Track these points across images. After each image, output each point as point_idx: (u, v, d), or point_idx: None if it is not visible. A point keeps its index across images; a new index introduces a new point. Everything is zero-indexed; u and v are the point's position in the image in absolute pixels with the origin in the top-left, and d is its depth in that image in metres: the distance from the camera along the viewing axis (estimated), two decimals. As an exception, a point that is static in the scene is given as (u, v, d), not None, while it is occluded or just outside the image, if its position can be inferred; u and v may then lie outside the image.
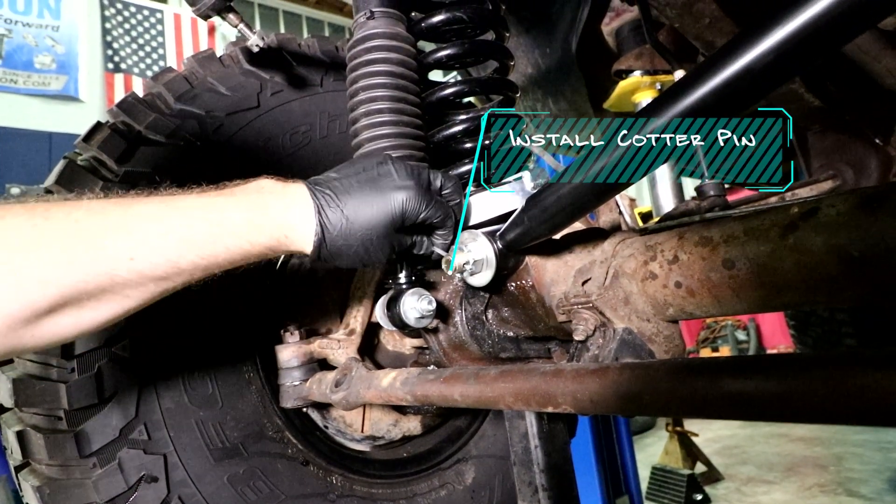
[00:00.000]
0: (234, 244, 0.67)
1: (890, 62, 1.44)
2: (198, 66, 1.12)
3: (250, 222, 0.68)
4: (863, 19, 0.46)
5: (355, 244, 0.72)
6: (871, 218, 0.55)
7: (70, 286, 0.57)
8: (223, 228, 0.66)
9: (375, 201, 0.73)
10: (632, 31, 1.61)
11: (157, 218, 0.63)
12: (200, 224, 0.65)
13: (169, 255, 0.63)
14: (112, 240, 0.60)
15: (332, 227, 0.71)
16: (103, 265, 0.59)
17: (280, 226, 0.70)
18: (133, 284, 0.62)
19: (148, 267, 0.62)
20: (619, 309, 0.75)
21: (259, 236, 0.68)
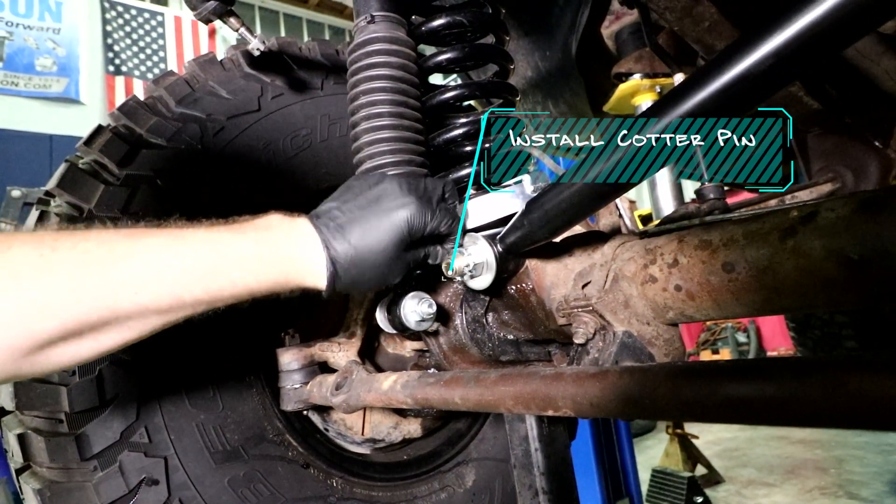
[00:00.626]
0: (240, 279, 0.66)
1: (889, 65, 1.45)
2: (199, 70, 1.13)
3: (259, 258, 0.67)
4: (863, 23, 0.46)
5: (368, 271, 0.72)
6: (871, 221, 0.55)
7: (73, 318, 0.56)
8: (230, 263, 0.65)
9: (380, 224, 0.72)
10: (631, 35, 1.62)
11: (163, 250, 0.63)
12: (207, 257, 0.64)
13: (174, 288, 0.62)
14: (117, 270, 0.59)
15: (341, 259, 0.70)
16: (107, 296, 0.58)
17: (289, 262, 0.69)
18: (136, 316, 0.61)
19: (151, 299, 0.61)
20: (618, 312, 0.75)
21: (267, 273, 0.68)
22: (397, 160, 0.85)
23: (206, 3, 0.94)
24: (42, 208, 0.98)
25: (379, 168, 0.86)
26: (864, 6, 0.44)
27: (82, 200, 0.95)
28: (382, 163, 0.85)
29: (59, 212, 0.95)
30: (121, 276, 0.59)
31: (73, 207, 0.95)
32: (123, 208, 0.96)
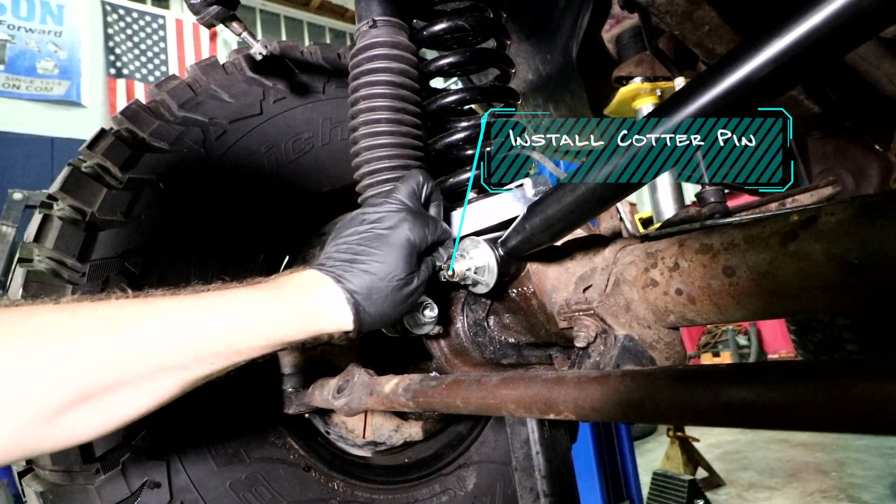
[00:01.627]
0: (255, 334, 0.66)
1: (890, 69, 1.45)
2: (201, 74, 1.13)
3: (271, 310, 0.67)
4: (865, 28, 0.46)
5: (392, 294, 0.72)
6: (870, 226, 0.56)
7: (89, 379, 0.56)
8: (243, 318, 0.65)
9: (385, 245, 0.72)
10: (632, 38, 1.62)
11: (177, 311, 0.63)
12: (222, 317, 0.64)
13: (188, 348, 0.62)
14: (131, 331, 0.59)
15: (360, 289, 0.70)
16: (122, 356, 0.58)
17: (304, 310, 0.69)
18: (152, 376, 0.60)
19: (166, 357, 0.61)
20: (620, 316, 0.75)
21: (283, 324, 0.68)
22: (394, 165, 0.86)
23: (208, 8, 0.95)
24: (45, 212, 0.98)
25: (376, 172, 0.86)
26: (866, 12, 0.44)
27: (85, 204, 0.95)
28: (380, 167, 0.86)
29: (61, 215, 0.96)
30: (135, 336, 0.59)
31: (75, 211, 0.95)
32: (126, 212, 0.97)
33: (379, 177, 0.87)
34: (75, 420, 0.57)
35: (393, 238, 0.73)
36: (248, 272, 1.12)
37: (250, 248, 1.12)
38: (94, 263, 0.94)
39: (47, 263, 0.93)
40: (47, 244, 0.94)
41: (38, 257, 0.94)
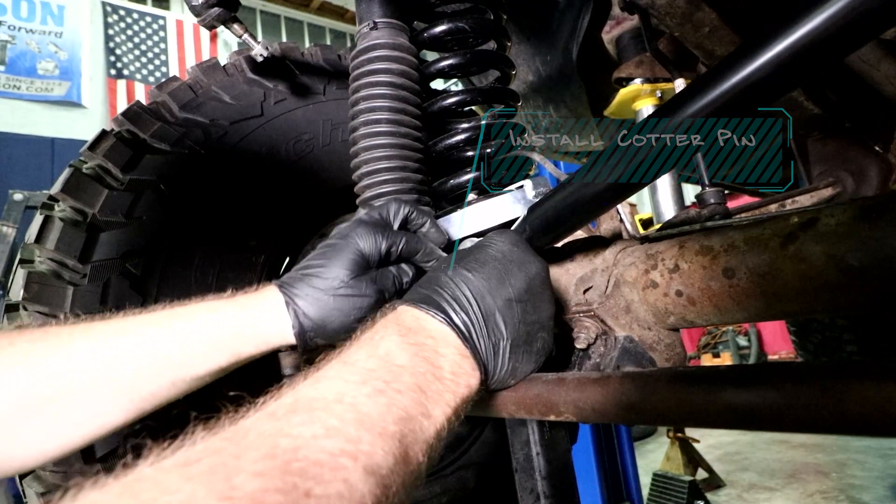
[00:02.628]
0: (223, 357, 0.65)
1: (889, 70, 1.45)
2: (202, 75, 1.13)
3: (236, 336, 0.66)
4: (866, 30, 0.46)
5: (333, 301, 0.68)
6: (870, 228, 0.56)
7: (26, 391, 0.56)
8: (210, 344, 0.65)
9: (331, 255, 0.70)
10: (632, 40, 1.62)
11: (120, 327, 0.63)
12: (172, 337, 0.64)
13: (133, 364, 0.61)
14: (83, 342, 0.60)
15: (300, 294, 0.68)
16: (65, 364, 0.58)
17: (249, 315, 0.67)
18: (88, 390, 0.60)
19: (106, 368, 0.60)
20: (620, 317, 0.75)
21: (245, 346, 0.66)
22: (393, 167, 0.86)
23: (209, 10, 0.95)
24: (46, 213, 0.98)
25: (374, 173, 0.86)
26: (867, 14, 0.44)
27: (86, 205, 0.96)
28: (378, 168, 0.86)
29: (63, 216, 0.96)
30: (73, 351, 0.60)
31: (76, 212, 0.95)
32: (127, 213, 0.97)
33: (377, 178, 0.87)
34: (10, 437, 0.56)
35: (340, 245, 0.71)
36: (249, 273, 1.12)
37: (251, 248, 1.12)
38: (95, 264, 0.94)
39: (48, 264, 0.93)
40: (48, 245, 0.94)
41: (39, 258, 0.94)
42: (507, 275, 0.63)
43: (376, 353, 0.51)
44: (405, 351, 0.52)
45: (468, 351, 0.57)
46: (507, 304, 0.61)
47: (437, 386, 0.51)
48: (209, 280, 1.05)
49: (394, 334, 0.54)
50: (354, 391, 0.44)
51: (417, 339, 0.55)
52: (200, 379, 0.65)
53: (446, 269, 0.63)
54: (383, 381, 0.47)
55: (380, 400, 0.45)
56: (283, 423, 0.39)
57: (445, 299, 0.59)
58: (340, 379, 0.46)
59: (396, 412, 0.45)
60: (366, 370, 0.48)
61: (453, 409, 0.52)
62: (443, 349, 0.55)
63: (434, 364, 0.53)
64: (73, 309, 0.92)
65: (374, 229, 0.73)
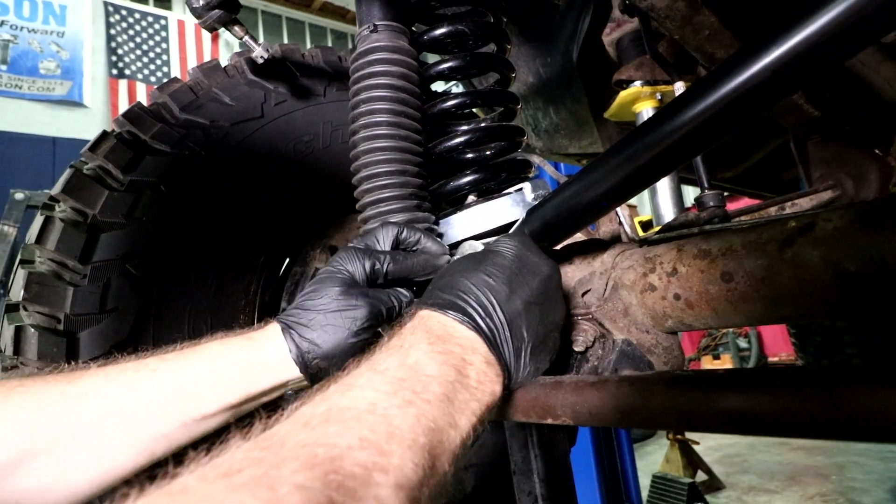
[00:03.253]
0: (232, 393, 0.65)
1: (889, 73, 1.45)
2: (202, 77, 1.13)
3: (243, 369, 0.66)
4: (867, 34, 0.46)
5: (324, 320, 0.68)
6: (867, 233, 0.56)
7: (33, 432, 0.56)
8: (218, 378, 0.64)
9: (321, 280, 0.71)
10: (632, 42, 1.62)
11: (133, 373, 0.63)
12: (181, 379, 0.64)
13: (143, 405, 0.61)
14: (90, 379, 0.60)
15: (294, 321, 0.68)
16: (75, 403, 0.58)
17: (249, 349, 0.67)
18: (97, 430, 0.59)
19: (113, 409, 0.59)
20: (618, 320, 0.75)
21: (253, 380, 0.66)
22: (392, 170, 0.86)
23: (210, 12, 0.95)
24: (47, 213, 0.99)
25: (374, 177, 0.86)
26: (866, 18, 0.44)
27: (87, 206, 0.96)
28: (378, 172, 0.86)
29: (63, 217, 0.96)
30: (81, 394, 0.59)
31: (77, 213, 0.96)
32: (127, 214, 0.97)
33: (377, 182, 0.87)
34: (19, 480, 0.55)
35: (328, 271, 0.73)
36: (248, 274, 1.12)
37: (251, 250, 1.12)
38: (96, 265, 0.94)
39: (49, 265, 0.93)
40: (49, 246, 0.94)
41: (39, 259, 0.95)
42: (524, 279, 0.64)
43: (406, 361, 0.51)
44: (434, 360, 0.52)
45: (494, 358, 0.58)
46: (528, 309, 0.62)
47: (464, 395, 0.52)
48: (209, 281, 1.05)
49: (423, 342, 0.54)
50: (386, 402, 0.45)
51: (446, 346, 0.55)
52: (212, 419, 0.64)
53: (467, 273, 0.63)
54: (413, 391, 0.47)
55: (409, 411, 0.45)
56: (319, 432, 0.40)
57: (471, 305, 0.59)
58: (371, 388, 0.46)
59: (426, 423, 0.45)
60: (396, 379, 0.48)
61: (479, 417, 0.53)
62: (470, 356, 0.56)
63: (462, 372, 0.53)
64: (72, 309, 0.92)
65: (357, 252, 0.74)
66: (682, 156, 0.62)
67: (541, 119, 2.09)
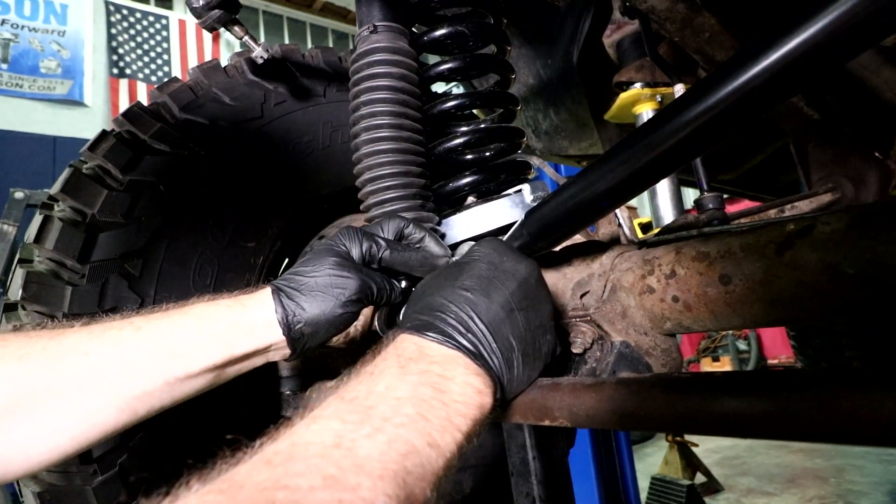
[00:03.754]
0: (215, 352, 0.65)
1: (889, 76, 1.45)
2: (202, 77, 1.14)
3: (228, 329, 0.66)
4: (867, 37, 0.46)
5: (313, 292, 0.69)
6: (865, 237, 0.56)
7: (17, 385, 0.56)
8: (202, 337, 0.64)
9: (316, 255, 0.72)
10: (632, 44, 1.62)
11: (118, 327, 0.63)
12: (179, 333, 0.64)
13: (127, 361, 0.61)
14: (74, 336, 0.60)
15: (286, 288, 0.69)
16: (58, 359, 0.58)
17: (239, 310, 0.68)
18: (84, 387, 0.58)
19: (100, 365, 0.59)
20: (616, 322, 0.75)
21: (238, 341, 0.66)
22: (396, 172, 0.86)
23: (210, 13, 0.95)
24: (46, 213, 0.99)
25: (378, 179, 0.86)
26: (868, 20, 0.44)
27: (86, 205, 0.96)
28: (381, 174, 0.86)
29: (62, 216, 0.96)
30: (66, 348, 0.59)
31: (76, 212, 0.96)
32: (126, 213, 0.97)
33: (381, 183, 0.87)
34: (8, 436, 0.55)
35: (325, 244, 0.74)
36: (248, 274, 1.12)
37: (250, 250, 1.12)
38: (94, 265, 0.94)
39: (47, 264, 0.94)
40: (48, 245, 0.94)
41: (38, 258, 0.95)
42: (502, 285, 0.63)
43: (375, 388, 0.49)
44: (406, 381, 0.51)
45: (480, 369, 0.56)
46: (511, 315, 0.61)
47: (443, 412, 0.49)
48: (208, 281, 1.05)
49: (393, 366, 0.53)
50: (353, 432, 0.43)
51: (420, 366, 0.53)
52: (195, 379, 0.64)
53: (442, 290, 0.62)
54: (382, 417, 0.46)
55: (379, 438, 0.43)
56: (280, 472, 0.38)
57: (449, 323, 0.58)
58: (338, 418, 0.45)
59: (398, 448, 0.43)
60: (364, 408, 0.46)
61: (465, 433, 0.50)
62: (450, 372, 0.54)
63: (440, 389, 0.51)
64: (71, 309, 0.92)
65: (357, 232, 0.75)
66: (680, 158, 0.62)
67: (541, 120, 2.09)
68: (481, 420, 0.54)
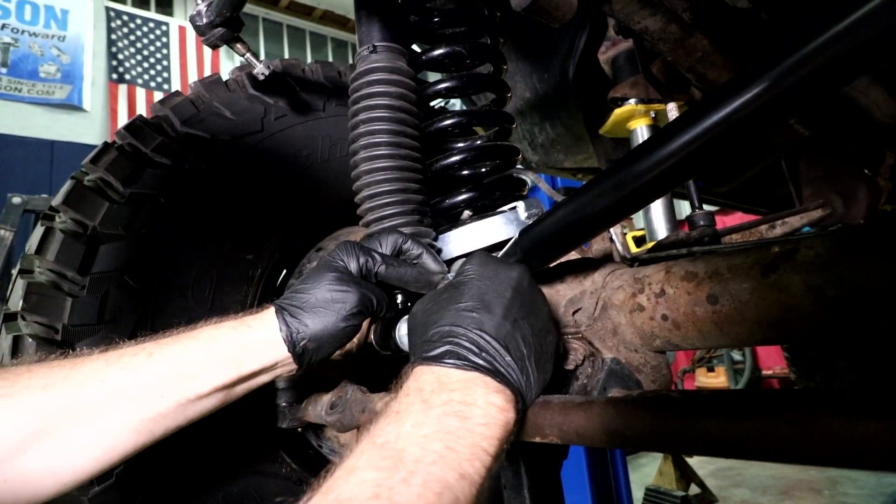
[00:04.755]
0: (224, 372, 0.68)
1: (877, 96, 1.48)
2: (204, 91, 1.15)
3: (235, 349, 0.69)
4: (860, 63, 0.48)
5: (317, 305, 0.71)
6: (846, 260, 0.58)
7: (40, 413, 0.59)
8: (211, 359, 0.67)
9: (316, 271, 0.75)
10: (627, 61, 1.65)
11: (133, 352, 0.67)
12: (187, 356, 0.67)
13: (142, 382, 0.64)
14: (92, 364, 0.63)
15: (288, 306, 0.72)
16: (78, 387, 0.61)
17: (244, 330, 0.71)
18: (101, 408, 0.62)
19: (117, 387, 0.63)
20: (607, 339, 0.77)
21: (245, 360, 0.69)
22: (394, 189, 0.88)
23: (213, 31, 0.97)
24: (47, 224, 1.00)
25: (377, 196, 0.88)
26: (860, 47, 0.45)
27: (87, 217, 0.97)
28: (380, 191, 0.88)
29: (63, 228, 0.97)
30: (85, 375, 0.63)
31: (77, 224, 0.97)
32: (127, 226, 0.98)
33: (379, 200, 0.89)
34: (27, 461, 0.58)
35: (323, 260, 0.77)
36: (246, 286, 1.13)
37: (248, 262, 1.14)
38: (94, 276, 0.95)
39: (48, 275, 0.95)
40: (49, 256, 0.95)
41: (38, 269, 0.96)
42: (501, 297, 0.64)
43: (402, 428, 0.52)
44: (429, 416, 0.52)
45: (500, 385, 0.58)
46: (516, 325, 0.63)
47: (469, 439, 0.51)
48: (206, 293, 1.07)
49: (416, 402, 0.55)
50: (388, 480, 0.45)
51: (441, 397, 0.55)
52: (206, 400, 0.67)
53: (447, 314, 0.64)
54: (414, 460, 0.47)
55: (414, 482, 0.45)
56: None
57: (462, 346, 0.59)
58: (373, 468, 0.47)
59: (433, 488, 0.45)
60: (396, 451, 0.49)
61: (493, 455, 0.52)
62: (470, 397, 0.55)
63: (464, 416, 0.53)
64: (71, 320, 0.93)
65: (354, 247, 0.77)
66: (673, 181, 0.63)
67: (537, 134, 2.11)
68: (506, 437, 0.55)
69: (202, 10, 0.97)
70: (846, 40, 0.45)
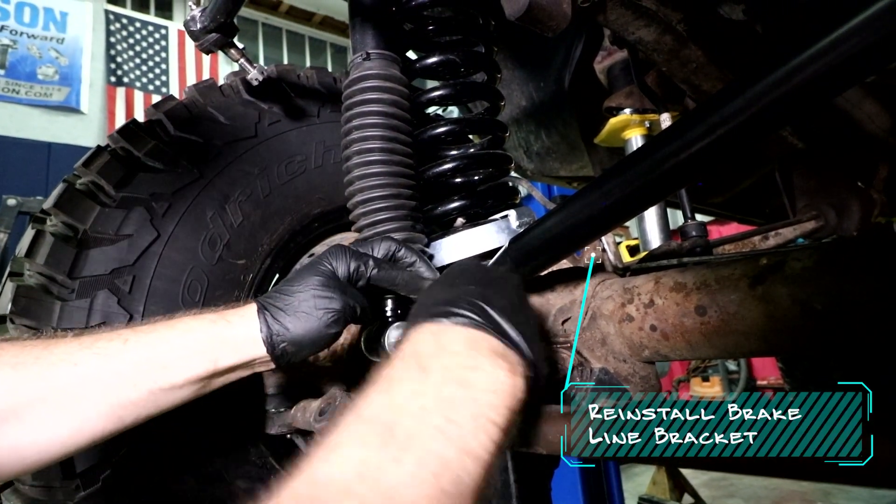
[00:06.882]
0: (200, 365, 0.67)
1: (870, 109, 1.49)
2: (198, 95, 1.15)
3: (212, 342, 0.68)
4: (853, 74, 0.48)
5: (299, 308, 0.70)
6: (833, 273, 0.58)
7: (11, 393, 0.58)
8: (187, 350, 0.66)
9: (304, 271, 0.74)
10: (622, 71, 1.66)
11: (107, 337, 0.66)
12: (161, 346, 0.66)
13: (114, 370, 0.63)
14: (65, 346, 0.62)
15: (271, 305, 0.71)
16: (49, 368, 0.60)
17: (224, 325, 0.70)
18: (73, 392, 0.61)
19: (91, 372, 0.62)
20: (596, 349, 0.77)
21: (221, 354, 0.68)
22: (386, 194, 0.88)
23: (207, 35, 0.98)
24: (38, 227, 1.00)
25: (369, 202, 0.88)
26: (852, 59, 0.45)
27: (78, 221, 0.97)
28: (372, 196, 0.88)
29: (54, 231, 0.97)
30: (64, 349, 0.62)
31: (68, 227, 0.97)
32: (118, 230, 0.98)
33: (372, 206, 0.89)
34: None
35: (312, 262, 0.76)
36: (237, 291, 1.13)
37: (239, 267, 1.13)
38: (84, 280, 0.95)
39: (37, 279, 0.94)
40: (39, 259, 0.95)
41: (28, 272, 0.95)
42: (499, 287, 0.61)
43: (395, 399, 0.45)
44: (427, 384, 0.46)
45: (507, 349, 0.52)
46: (515, 308, 0.58)
47: (473, 409, 0.44)
48: (197, 297, 1.06)
49: (412, 368, 0.48)
50: (376, 458, 0.39)
51: (442, 361, 0.48)
52: (179, 391, 0.67)
53: (448, 288, 0.60)
54: (407, 434, 0.41)
55: (407, 460, 0.39)
56: None
57: (465, 308, 0.54)
58: (359, 444, 0.41)
59: (430, 467, 0.39)
60: (386, 426, 0.42)
61: (502, 427, 0.45)
62: (472, 361, 0.49)
63: (466, 383, 0.46)
64: (60, 324, 0.93)
65: (346, 251, 0.77)
66: (663, 190, 0.64)
67: (533, 142, 2.12)
68: (517, 407, 0.49)
69: (196, 16, 0.97)
70: (836, 51, 0.45)
